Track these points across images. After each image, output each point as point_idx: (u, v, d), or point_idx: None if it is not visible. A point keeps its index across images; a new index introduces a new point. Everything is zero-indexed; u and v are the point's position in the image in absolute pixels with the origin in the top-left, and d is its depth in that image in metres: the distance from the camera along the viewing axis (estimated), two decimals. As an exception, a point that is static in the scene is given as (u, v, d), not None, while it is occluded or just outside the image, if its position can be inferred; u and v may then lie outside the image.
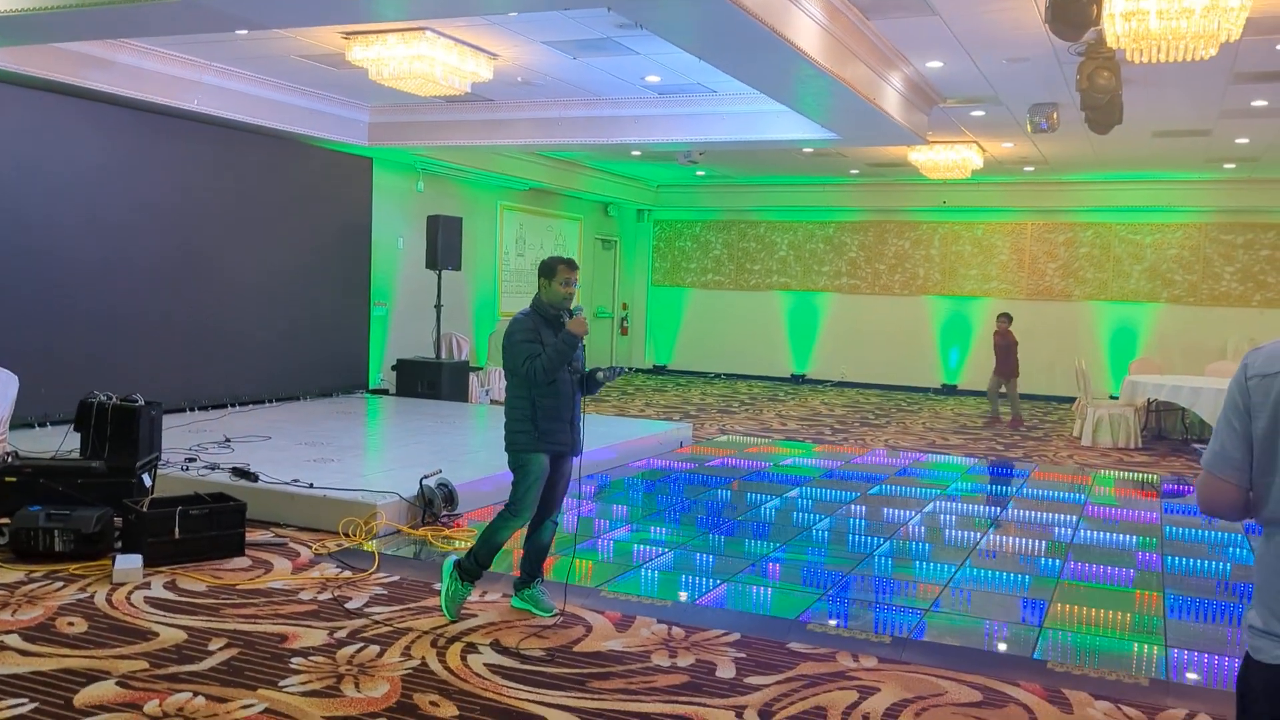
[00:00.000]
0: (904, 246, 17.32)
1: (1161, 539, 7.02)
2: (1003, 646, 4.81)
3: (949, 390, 16.91)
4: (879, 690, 4.14)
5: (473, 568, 4.82)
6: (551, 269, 4.83)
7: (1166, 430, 12.34)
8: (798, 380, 17.84)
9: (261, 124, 10.47)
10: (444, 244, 12.17)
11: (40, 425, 8.39)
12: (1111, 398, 13.50)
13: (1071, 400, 13.79)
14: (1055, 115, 9.65)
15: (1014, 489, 8.81)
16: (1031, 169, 14.78)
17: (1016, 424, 13.06)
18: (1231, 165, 13.69)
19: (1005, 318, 13.39)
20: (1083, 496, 8.52)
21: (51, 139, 8.88)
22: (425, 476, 6.71)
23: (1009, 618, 5.24)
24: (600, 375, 4.92)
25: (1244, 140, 11.72)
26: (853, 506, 7.78)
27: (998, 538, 6.94)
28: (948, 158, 12.37)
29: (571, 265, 4.86)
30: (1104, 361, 15.82)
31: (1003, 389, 13.34)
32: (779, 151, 13.13)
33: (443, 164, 13.26)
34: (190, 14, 6.28)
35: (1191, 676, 4.50)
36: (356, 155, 12.07)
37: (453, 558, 4.92)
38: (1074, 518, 7.60)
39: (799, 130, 10.21)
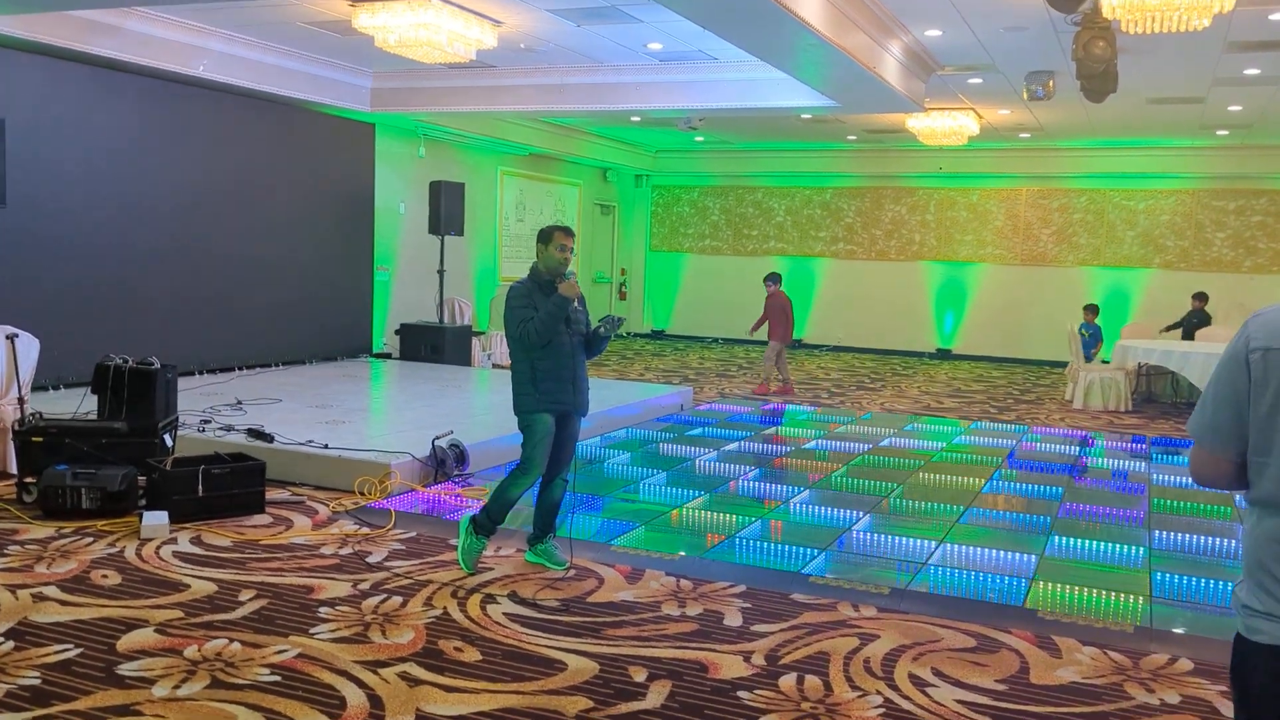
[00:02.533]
0: (900, 212, 17.46)
1: (1149, 491, 7.25)
2: (995, 597, 5.03)
3: (944, 355, 17.12)
4: (878, 637, 4.36)
5: (486, 523, 5.03)
6: (549, 235, 5.02)
7: (1156, 394, 12.59)
8: (794, 345, 18.01)
9: (266, 90, 10.56)
10: (446, 209, 12.29)
11: (54, 388, 8.56)
12: (1104, 362, 13.73)
13: (1064, 365, 14.01)
14: (1051, 83, 9.79)
15: (1009, 449, 9.03)
16: (1027, 135, 14.91)
17: (788, 390, 12.16)
18: (1224, 132, 13.84)
19: (774, 278, 12.57)
20: (1076, 450, 8.76)
21: (60, 105, 8.98)
22: (437, 437, 6.91)
23: (1002, 570, 5.46)
24: (601, 330, 5.10)
25: (1237, 108, 11.86)
26: (851, 465, 7.99)
27: (993, 496, 7.16)
28: (945, 124, 12.50)
29: (568, 232, 5.06)
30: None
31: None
32: (777, 117, 13.24)
33: (444, 129, 13.35)
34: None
35: (1175, 627, 4.73)
36: (359, 121, 12.16)
37: (468, 514, 5.13)
38: (1064, 476, 7.83)
39: (798, 97, 10.33)
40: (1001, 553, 5.75)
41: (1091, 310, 13.30)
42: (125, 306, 9.55)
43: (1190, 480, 3.15)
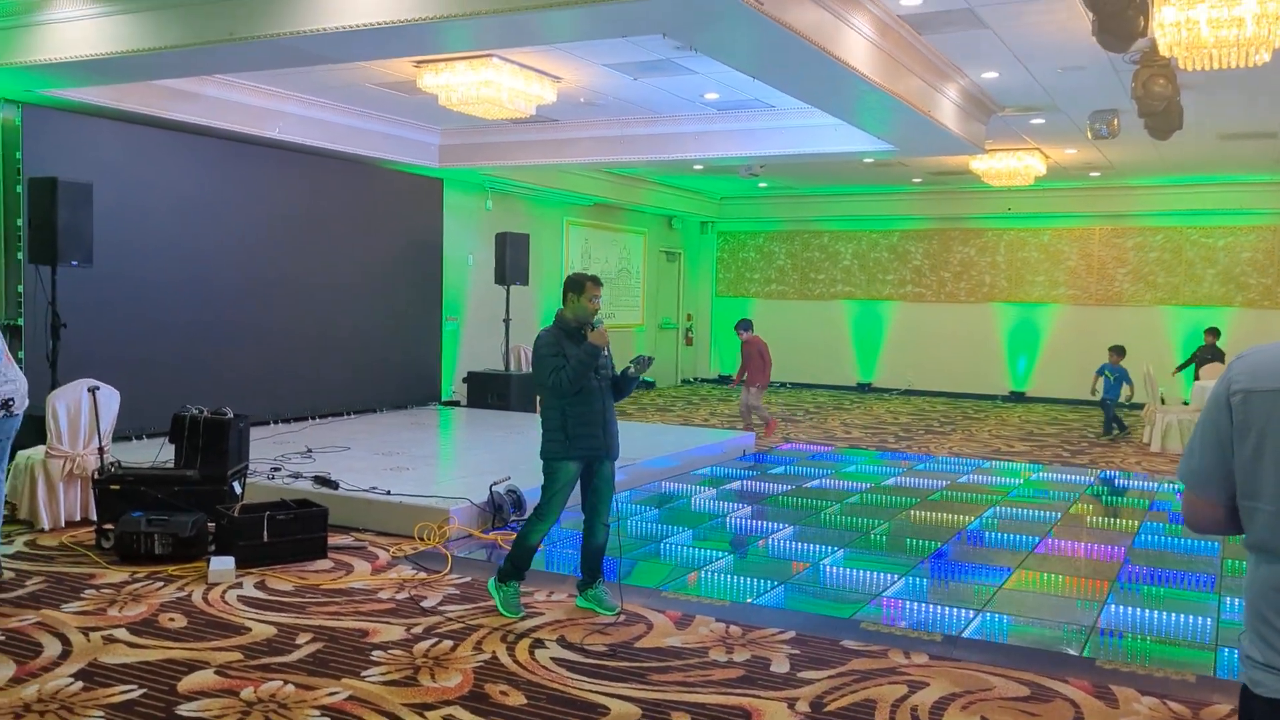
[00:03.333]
0: (969, 254, 17.29)
1: (1223, 542, 7.02)
2: (1053, 646, 4.92)
3: (1017, 397, 16.81)
4: (928, 685, 4.31)
5: (512, 571, 5.16)
6: (580, 285, 5.11)
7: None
8: (863, 389, 17.88)
9: (339, 149, 10.95)
10: (512, 260, 12.54)
11: (136, 438, 8.91)
12: (1184, 404, 13.34)
13: (1141, 406, 13.65)
14: (1116, 122, 9.68)
15: (1078, 494, 8.82)
16: (1097, 174, 14.69)
17: (771, 426, 12.13)
18: (1303, 166, 13.48)
19: (746, 325, 12.52)
20: (1146, 500, 8.52)
21: (143, 168, 9.44)
22: (495, 483, 7.02)
23: (1061, 619, 5.34)
24: (631, 370, 5.17)
25: (1314, 141, 11.56)
26: (913, 511, 7.90)
27: (1056, 541, 7.01)
28: (1010, 165, 12.40)
29: (598, 282, 5.16)
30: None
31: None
32: (840, 162, 13.26)
33: (510, 182, 13.67)
34: (275, 52, 6.71)
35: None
36: (428, 176, 12.52)
37: (491, 579, 5.24)
38: (1135, 522, 7.63)
39: (857, 142, 10.36)
40: (1063, 599, 5.63)
41: (1117, 352, 12.92)
42: (205, 359, 9.92)
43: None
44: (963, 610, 5.40)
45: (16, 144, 8.52)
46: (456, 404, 13.14)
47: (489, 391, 12.46)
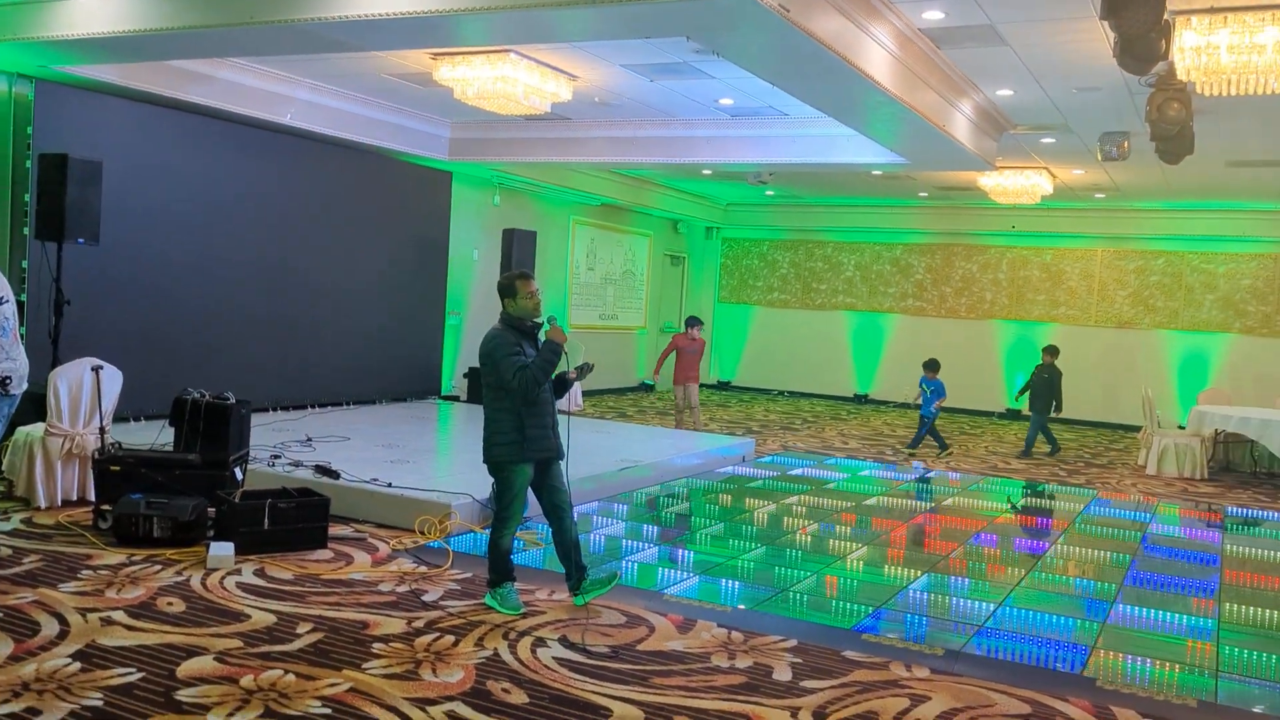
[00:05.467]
0: (971, 270, 17.31)
1: (1222, 562, 7.02)
2: (1054, 664, 4.92)
3: (1013, 415, 16.83)
4: (929, 699, 4.29)
5: (498, 579, 5.14)
6: (510, 287, 5.10)
7: (1234, 462, 12.20)
8: (860, 400, 17.89)
9: (349, 138, 10.92)
10: (518, 257, 12.51)
11: (135, 420, 8.86)
12: (1179, 427, 13.37)
13: (1137, 429, 13.67)
14: (1126, 144, 9.70)
15: (1074, 513, 8.82)
16: (1103, 196, 14.73)
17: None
18: (1309, 196, 13.52)
19: (697, 321, 12.07)
20: (1146, 518, 8.53)
21: (152, 149, 9.40)
22: (497, 480, 6.99)
23: (1063, 636, 5.33)
24: (570, 377, 5.19)
25: (1322, 172, 11.60)
26: (911, 524, 7.89)
27: (1056, 559, 7.01)
28: (1017, 183, 12.43)
29: (527, 277, 5.13)
30: (1173, 391, 15.64)
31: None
32: (848, 173, 13.28)
33: (518, 179, 13.65)
34: (295, 37, 6.68)
35: (1241, 704, 4.56)
36: (437, 169, 12.49)
37: (487, 594, 5.18)
38: (1134, 543, 7.63)
39: (868, 154, 10.37)
40: (1063, 618, 5.62)
41: (932, 367, 12.53)
42: (206, 344, 9.89)
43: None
44: (963, 625, 5.39)
45: (28, 119, 8.47)
46: (456, 399, 13.10)
47: (489, 387, 12.41)
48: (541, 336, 5.09)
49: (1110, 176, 12.81)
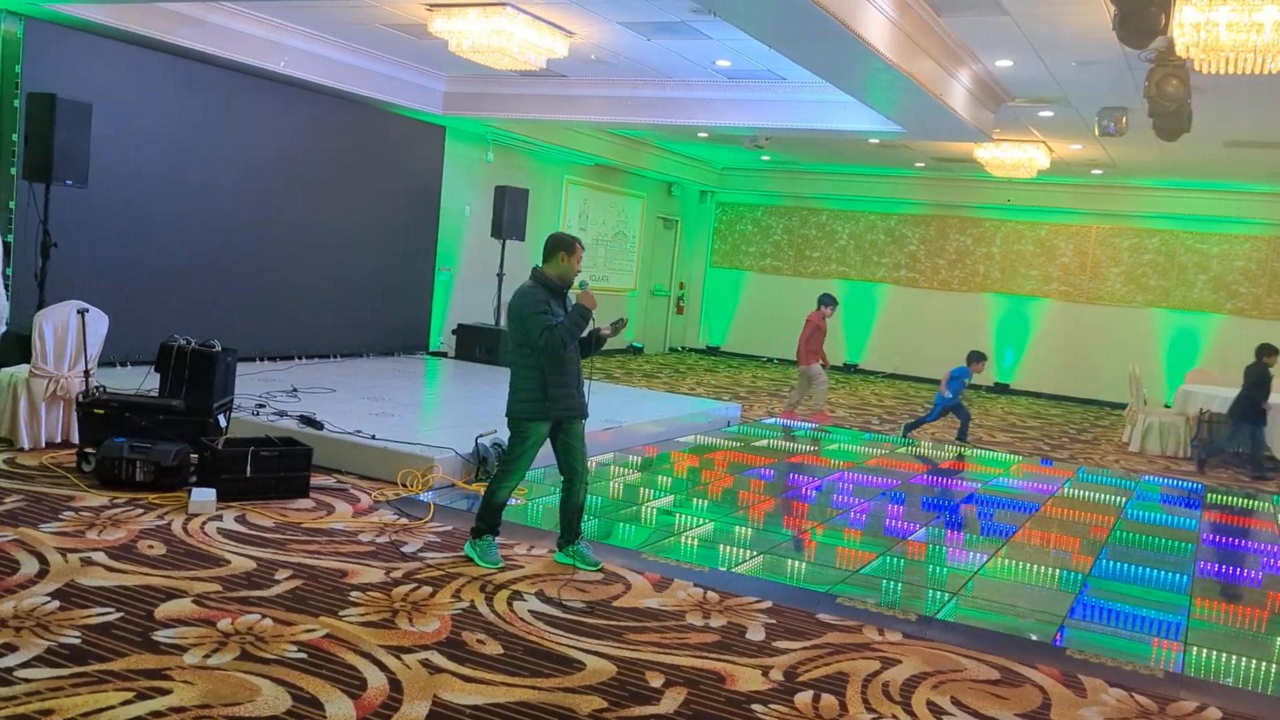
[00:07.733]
0: (965, 242, 17.29)
1: (1198, 543, 7.09)
2: (1025, 632, 4.97)
3: (1001, 389, 16.89)
4: (900, 663, 4.35)
5: (484, 529, 5.17)
6: (572, 246, 5.11)
7: (1217, 441, 12.25)
8: (850, 369, 17.92)
9: (342, 88, 10.81)
10: (510, 215, 12.46)
11: (121, 365, 8.84)
12: (1165, 406, 13.44)
13: (1124, 406, 13.74)
14: (1124, 120, 9.66)
15: (1056, 487, 8.89)
16: (1099, 172, 14.69)
17: None
18: (1305, 179, 13.51)
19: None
20: (1125, 497, 8.59)
21: (143, 92, 9.30)
22: (481, 436, 7.01)
23: (1036, 606, 5.39)
24: (605, 332, 5.22)
25: (1318, 154, 11.58)
26: (892, 493, 7.94)
27: (1034, 531, 7.07)
28: (1014, 156, 12.38)
29: (581, 246, 5.18)
30: (1161, 369, 15.69)
31: None
32: (845, 140, 13.21)
33: (512, 135, 13.55)
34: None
35: (1208, 675, 4.63)
36: (430, 123, 12.40)
37: (468, 543, 5.23)
38: (1112, 518, 7.69)
39: (865, 121, 10.31)
40: (1036, 589, 5.68)
41: (977, 359, 11.15)
42: (194, 291, 9.84)
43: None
44: (937, 592, 5.44)
45: (16, 57, 8.37)
46: (444, 355, 13.10)
47: (477, 345, 12.43)
48: (571, 298, 5.10)
49: (1107, 152, 12.77)
